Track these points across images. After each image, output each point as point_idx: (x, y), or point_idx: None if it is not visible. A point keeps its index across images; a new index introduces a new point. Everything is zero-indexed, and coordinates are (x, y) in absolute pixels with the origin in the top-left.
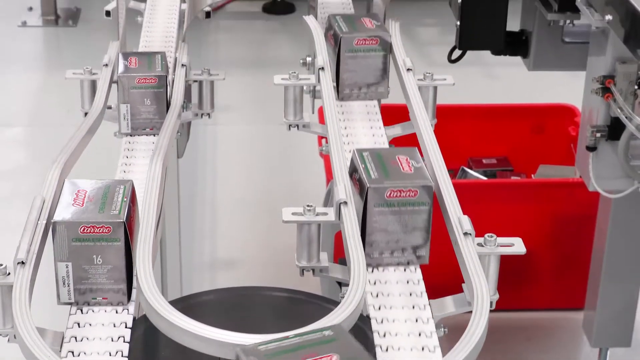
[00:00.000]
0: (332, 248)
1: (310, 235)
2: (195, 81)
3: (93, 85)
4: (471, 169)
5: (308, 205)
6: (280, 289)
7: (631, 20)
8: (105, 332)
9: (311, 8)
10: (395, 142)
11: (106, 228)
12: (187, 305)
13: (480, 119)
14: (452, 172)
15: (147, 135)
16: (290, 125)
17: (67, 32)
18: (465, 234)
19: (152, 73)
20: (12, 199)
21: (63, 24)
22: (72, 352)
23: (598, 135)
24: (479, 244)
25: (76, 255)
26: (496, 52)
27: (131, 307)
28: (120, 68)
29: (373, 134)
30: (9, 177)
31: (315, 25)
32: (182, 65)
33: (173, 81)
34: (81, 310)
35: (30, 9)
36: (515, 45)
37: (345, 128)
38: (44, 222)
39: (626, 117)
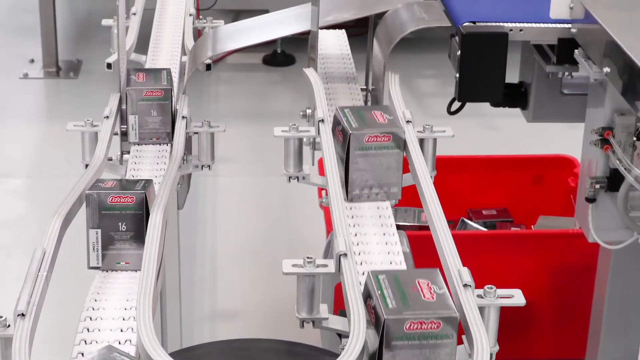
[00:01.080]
0: (332, 299)
1: (310, 287)
2: (195, 133)
3: (94, 137)
4: (471, 220)
5: (308, 257)
6: (280, 341)
7: (629, 73)
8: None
9: (311, 60)
10: None
11: (130, 198)
12: (187, 357)
13: (479, 170)
14: (452, 223)
15: (153, 144)
16: (290, 177)
17: (69, 84)
18: (465, 285)
19: (158, 86)
20: (12, 250)
21: (64, 75)
22: (92, 310)
23: (597, 186)
24: (479, 296)
25: (105, 223)
26: (495, 104)
27: None
28: (129, 82)
29: (386, 241)
30: (10, 228)
31: (315, 78)
32: (183, 117)
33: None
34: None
35: (32, 61)
36: (514, 97)
37: (356, 235)
38: (45, 273)
39: (625, 169)
